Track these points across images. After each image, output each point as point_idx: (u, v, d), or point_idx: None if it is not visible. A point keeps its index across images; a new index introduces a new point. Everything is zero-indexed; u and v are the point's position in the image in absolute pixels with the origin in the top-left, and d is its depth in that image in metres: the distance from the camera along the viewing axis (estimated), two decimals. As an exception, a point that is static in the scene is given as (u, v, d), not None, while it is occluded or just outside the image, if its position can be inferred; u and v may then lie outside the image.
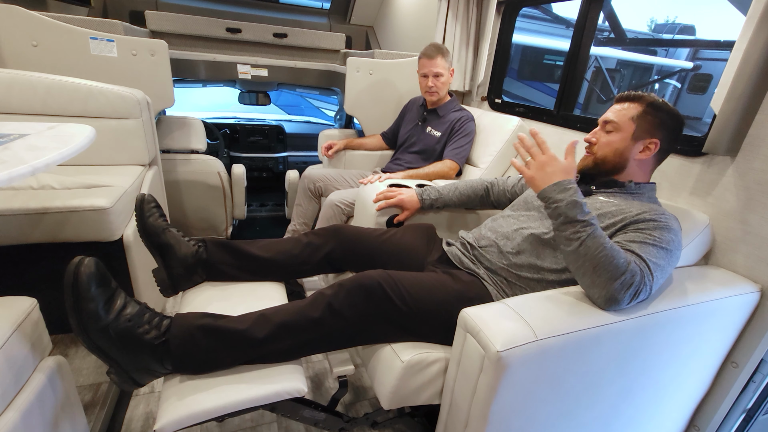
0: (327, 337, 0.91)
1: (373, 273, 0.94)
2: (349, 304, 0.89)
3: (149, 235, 1.03)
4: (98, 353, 0.79)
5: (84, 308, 0.76)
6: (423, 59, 1.81)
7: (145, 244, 1.05)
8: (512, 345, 0.74)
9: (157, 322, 0.83)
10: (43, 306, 0.87)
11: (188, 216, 2.25)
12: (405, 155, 1.97)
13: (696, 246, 1.08)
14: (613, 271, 0.81)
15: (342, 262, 1.19)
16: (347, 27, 3.20)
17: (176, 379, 0.83)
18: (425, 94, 1.88)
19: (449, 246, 1.19)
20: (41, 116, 1.46)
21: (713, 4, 9.46)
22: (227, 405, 0.80)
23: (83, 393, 1.23)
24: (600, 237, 0.83)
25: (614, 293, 0.81)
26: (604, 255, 0.81)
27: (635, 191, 1.03)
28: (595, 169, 1.07)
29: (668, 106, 1.01)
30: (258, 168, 3.24)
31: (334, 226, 1.22)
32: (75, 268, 0.76)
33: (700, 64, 6.67)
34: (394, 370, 0.90)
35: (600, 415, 0.97)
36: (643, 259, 0.85)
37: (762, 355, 1.08)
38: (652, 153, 1.01)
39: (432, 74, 1.80)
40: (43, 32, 1.64)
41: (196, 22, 2.36)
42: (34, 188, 1.29)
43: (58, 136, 0.94)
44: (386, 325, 0.93)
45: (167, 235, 1.04)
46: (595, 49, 5.30)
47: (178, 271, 1.05)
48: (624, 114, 1.02)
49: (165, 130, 2.13)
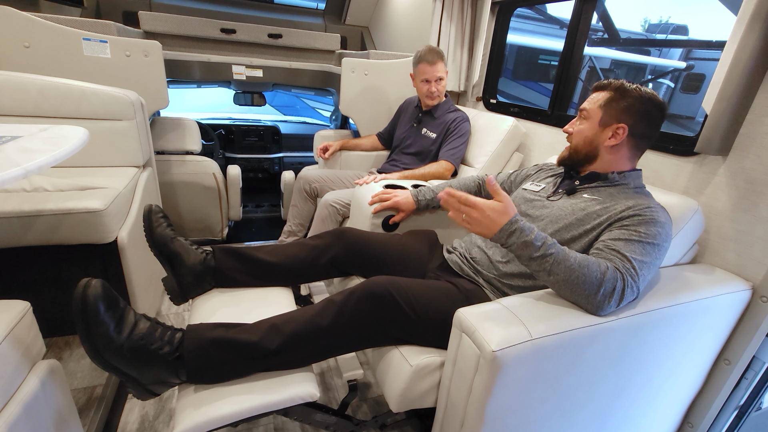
0: (337, 344, 0.93)
1: (382, 280, 0.95)
2: (359, 311, 0.91)
3: (158, 245, 1.05)
4: (114, 372, 0.80)
5: (96, 332, 0.76)
6: (423, 65, 1.78)
7: (154, 253, 1.06)
8: (507, 344, 0.75)
9: (169, 336, 0.84)
10: (37, 309, 0.87)
11: (183, 217, 2.24)
12: (401, 156, 1.97)
13: (687, 233, 1.07)
14: (589, 287, 0.82)
15: (348, 265, 1.20)
16: (342, 27, 3.20)
17: (191, 388, 0.84)
18: (426, 98, 1.88)
19: (449, 254, 1.20)
20: (34, 118, 1.45)
21: (705, 5, 9.51)
22: (243, 411, 0.81)
23: (78, 396, 1.22)
24: (564, 260, 0.83)
25: (598, 305, 0.83)
26: (575, 276, 0.82)
27: (619, 182, 1.02)
28: (570, 160, 1.08)
29: (639, 90, 0.98)
30: (254, 169, 3.23)
31: (339, 229, 1.22)
32: (82, 293, 0.75)
33: (693, 64, 6.72)
34: (403, 373, 0.92)
35: (595, 413, 0.97)
36: (628, 259, 0.86)
37: (754, 352, 1.09)
38: (621, 138, 0.99)
39: (435, 79, 1.79)
40: (35, 33, 1.62)
41: (190, 22, 2.35)
42: (27, 190, 1.28)
43: (50, 138, 0.93)
44: (395, 330, 0.94)
45: (175, 245, 1.05)
46: (590, 49, 5.33)
47: (187, 280, 1.06)
48: (595, 102, 1.02)
49: (159, 131, 2.12)
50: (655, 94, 0.98)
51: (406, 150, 1.96)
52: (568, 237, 0.99)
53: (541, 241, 0.84)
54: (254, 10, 3.01)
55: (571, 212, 1.01)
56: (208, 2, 2.91)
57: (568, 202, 1.03)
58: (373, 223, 1.36)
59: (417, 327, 0.93)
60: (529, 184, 1.21)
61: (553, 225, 1.02)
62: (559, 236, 1.00)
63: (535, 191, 1.15)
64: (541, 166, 1.28)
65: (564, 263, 0.82)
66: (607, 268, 0.84)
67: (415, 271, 1.18)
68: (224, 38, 2.45)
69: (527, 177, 1.28)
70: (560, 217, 1.01)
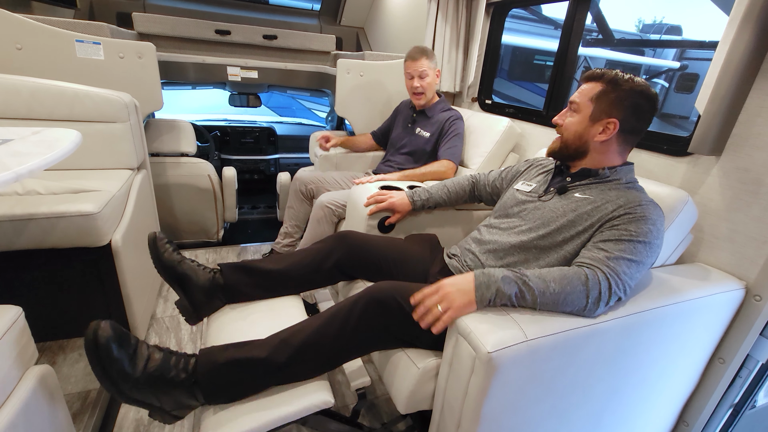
0: (346, 351, 0.94)
1: (385, 286, 0.96)
2: (365, 318, 0.92)
3: (167, 270, 1.06)
4: (137, 404, 0.82)
5: (112, 371, 0.78)
6: (408, 61, 1.82)
7: (164, 278, 1.08)
8: (502, 346, 0.75)
9: (183, 363, 0.85)
10: (30, 312, 0.86)
11: (179, 220, 2.23)
12: (396, 156, 1.98)
13: (680, 223, 1.06)
14: (575, 300, 0.84)
15: (351, 268, 1.21)
16: (338, 28, 3.20)
17: (210, 410, 0.86)
18: (412, 96, 1.89)
19: (450, 258, 1.20)
20: (26, 120, 1.44)
21: (699, 5, 9.58)
22: (263, 425, 0.84)
23: (72, 401, 1.21)
24: (543, 285, 0.84)
25: (588, 312, 0.85)
26: (558, 294, 0.83)
27: (611, 178, 1.01)
28: (561, 153, 1.07)
29: (632, 82, 0.95)
30: (249, 170, 3.22)
31: (340, 233, 1.23)
32: (93, 336, 0.77)
33: (686, 64, 6.77)
34: (410, 376, 0.92)
35: (591, 413, 0.98)
36: (614, 258, 0.87)
37: (748, 351, 1.10)
38: (611, 133, 0.97)
39: (417, 74, 1.81)
40: (27, 35, 1.61)
41: (184, 24, 2.34)
42: (20, 194, 1.26)
43: (43, 141, 0.92)
44: (401, 334, 0.95)
45: (184, 267, 1.07)
46: (585, 49, 5.36)
47: (199, 299, 1.08)
48: (585, 94, 0.99)
49: (154, 133, 2.11)
50: (647, 86, 0.96)
51: (401, 150, 1.96)
52: (560, 239, 0.99)
53: (510, 279, 0.85)
54: (249, 11, 3.00)
55: (562, 213, 1.01)
56: (202, 3, 2.90)
57: (560, 203, 1.03)
58: (368, 224, 1.36)
59: (422, 330, 0.93)
60: (520, 183, 1.20)
61: (545, 227, 1.02)
62: (552, 238, 1.00)
63: (527, 191, 1.15)
64: (531, 162, 1.27)
65: (543, 288, 0.84)
66: (586, 276, 0.85)
67: (417, 274, 1.19)
68: (219, 39, 2.45)
69: (518, 174, 1.27)
70: (552, 219, 1.02)
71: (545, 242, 1.01)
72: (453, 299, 0.84)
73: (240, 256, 2.29)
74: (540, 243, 1.01)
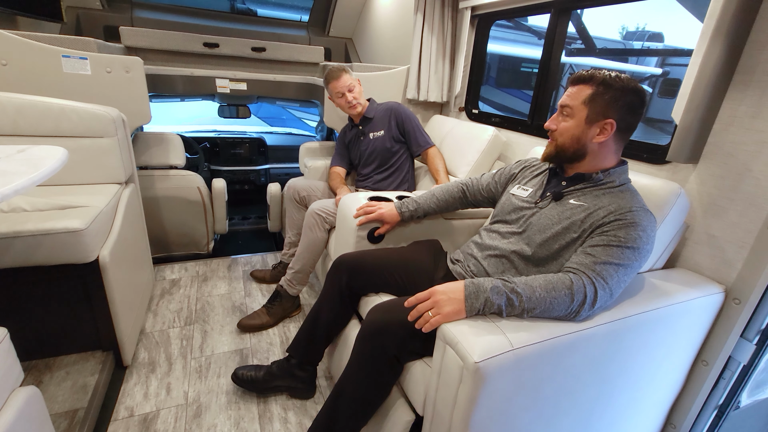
0: (376, 386, 1.04)
1: (375, 315, 1.02)
2: (371, 350, 1.00)
3: (265, 391, 1.43)
4: None
5: None
6: (332, 83, 1.88)
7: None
8: (489, 355, 0.76)
9: None
10: (16, 332, 0.85)
11: (168, 232, 2.22)
12: (365, 169, 2.00)
13: (674, 216, 1.07)
14: (561, 305, 0.86)
15: (359, 288, 1.26)
16: (326, 39, 3.22)
17: None
18: (349, 110, 1.94)
19: (453, 264, 1.22)
20: (12, 137, 1.43)
21: (677, 12, 9.84)
22: None
23: (58, 421, 1.19)
24: (529, 291, 0.87)
25: (574, 316, 0.88)
26: (544, 300, 0.86)
27: (604, 181, 1.02)
28: (558, 158, 1.07)
29: (621, 80, 0.95)
30: (240, 181, 3.21)
31: (335, 262, 1.28)
32: None
33: (668, 70, 6.95)
34: (425, 378, 0.95)
35: (579, 419, 0.99)
36: (601, 262, 0.89)
37: (729, 353, 1.12)
38: (609, 134, 0.97)
39: (345, 89, 1.88)
40: (12, 51, 1.60)
41: (172, 37, 2.34)
42: (5, 211, 1.25)
43: (28, 159, 0.92)
44: (409, 347, 0.99)
45: (274, 382, 1.41)
46: (569, 58, 5.47)
47: (300, 377, 1.41)
48: (577, 97, 0.99)
49: (142, 146, 2.10)
50: (635, 82, 0.96)
51: (367, 160, 1.98)
52: (556, 247, 1.01)
53: (498, 288, 0.87)
54: (238, 23, 3.02)
55: (557, 221, 1.03)
56: (191, 16, 2.91)
57: (555, 210, 1.05)
58: (358, 235, 1.37)
59: (427, 341, 0.94)
60: (516, 187, 1.21)
61: (541, 234, 1.04)
62: (548, 246, 1.02)
63: (523, 197, 1.16)
64: (524, 164, 1.27)
65: (531, 295, 0.87)
66: (571, 281, 0.87)
67: (422, 282, 1.19)
68: (207, 52, 2.45)
69: (512, 177, 1.28)
70: (547, 227, 1.04)
71: (543, 249, 1.03)
72: (442, 306, 0.87)
73: (230, 268, 2.28)
74: (539, 250, 1.04)
